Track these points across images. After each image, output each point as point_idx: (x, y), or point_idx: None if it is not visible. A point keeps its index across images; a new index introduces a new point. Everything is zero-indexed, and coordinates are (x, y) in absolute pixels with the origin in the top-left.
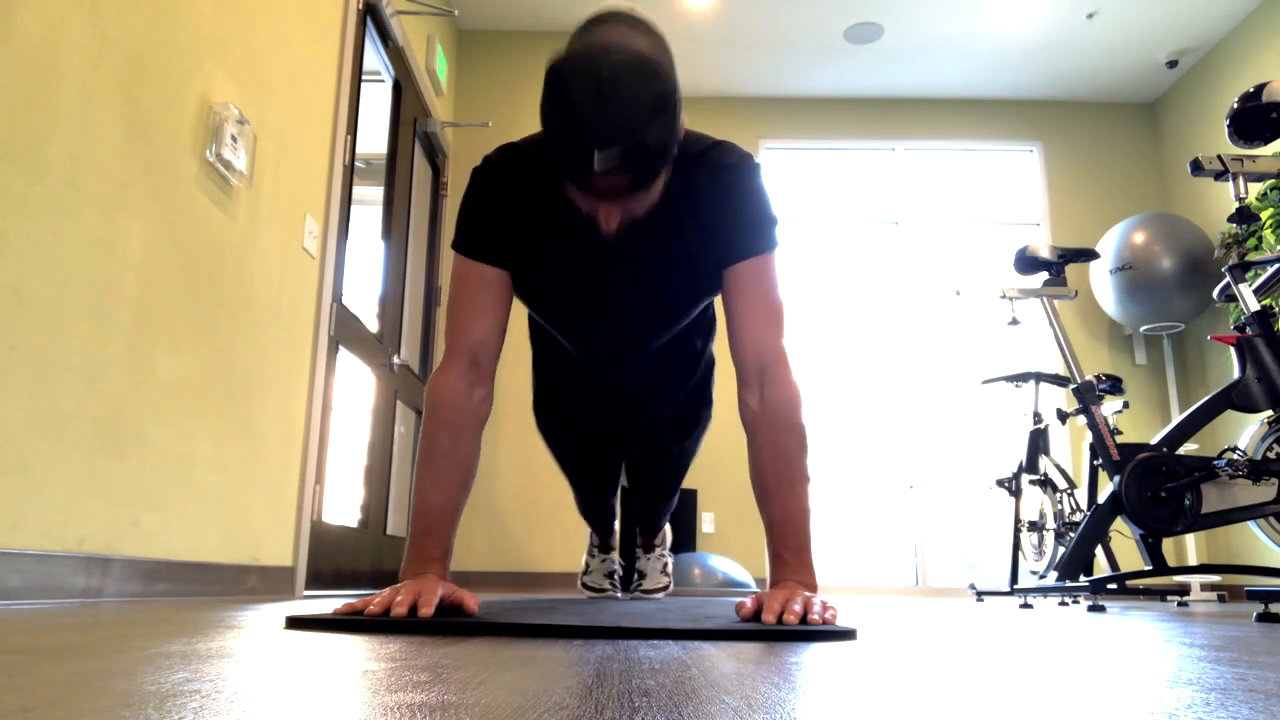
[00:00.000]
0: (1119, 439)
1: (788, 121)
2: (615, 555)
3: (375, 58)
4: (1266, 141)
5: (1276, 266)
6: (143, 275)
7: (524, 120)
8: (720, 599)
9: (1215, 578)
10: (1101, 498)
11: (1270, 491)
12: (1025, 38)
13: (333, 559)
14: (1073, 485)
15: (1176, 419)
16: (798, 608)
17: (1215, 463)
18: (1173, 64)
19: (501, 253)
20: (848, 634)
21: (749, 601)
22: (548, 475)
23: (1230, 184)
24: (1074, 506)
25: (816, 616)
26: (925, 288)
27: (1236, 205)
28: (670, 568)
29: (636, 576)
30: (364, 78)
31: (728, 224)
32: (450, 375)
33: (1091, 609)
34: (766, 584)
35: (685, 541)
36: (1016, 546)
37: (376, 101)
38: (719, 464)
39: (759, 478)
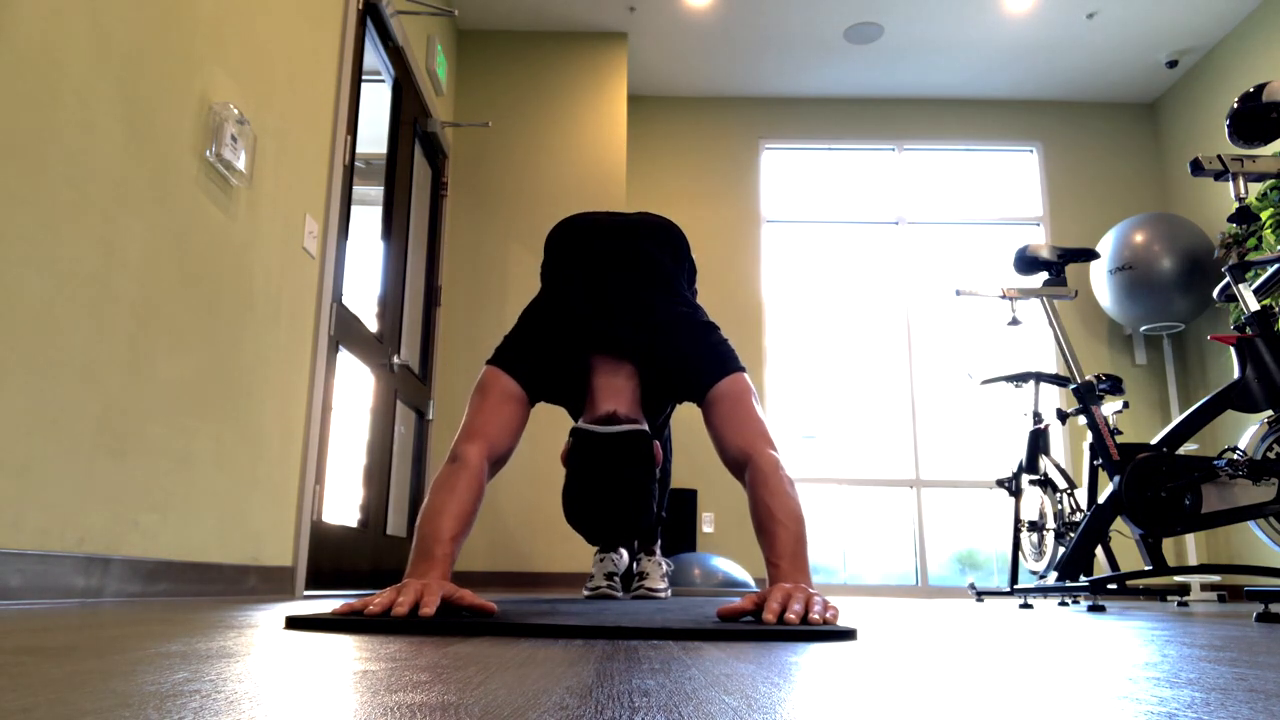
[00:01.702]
0: (1119, 439)
1: (788, 121)
2: (614, 555)
3: (375, 57)
4: (1266, 141)
5: (1276, 266)
6: (143, 275)
7: (523, 120)
8: (720, 599)
9: (1215, 578)
10: (1101, 498)
11: (1270, 491)
12: (1025, 38)
13: (333, 559)
14: (1073, 485)
15: (1176, 419)
16: (798, 607)
17: (1215, 463)
18: (1173, 64)
19: (537, 388)
20: (848, 634)
21: (745, 600)
22: (548, 476)
23: (1230, 184)
24: (1074, 506)
25: (817, 615)
26: (925, 288)
27: (1236, 205)
28: (668, 575)
29: (637, 578)
30: (364, 77)
31: (688, 378)
32: (478, 453)
33: (1091, 609)
34: (767, 584)
35: (685, 541)
36: (1016, 546)
37: (376, 101)
38: (718, 465)
39: (754, 516)
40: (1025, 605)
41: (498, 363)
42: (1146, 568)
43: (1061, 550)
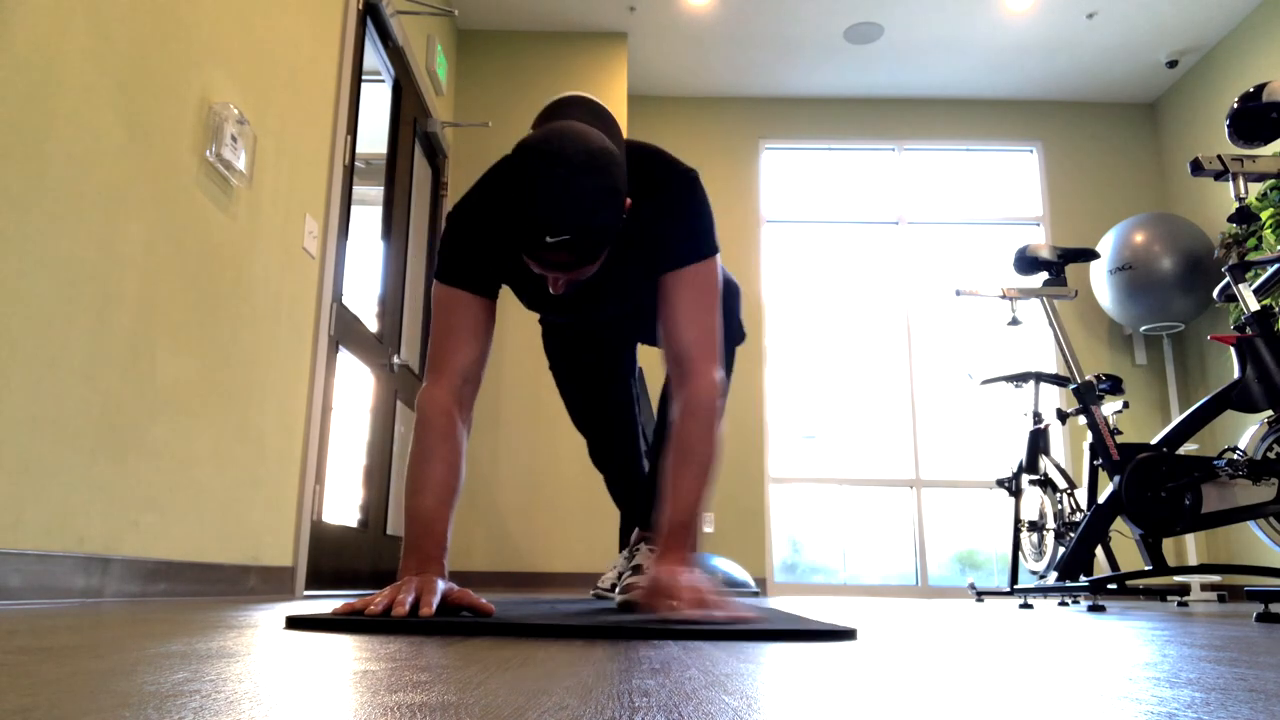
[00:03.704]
0: (1119, 439)
1: (788, 121)
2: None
3: (375, 58)
4: (1266, 141)
5: (1276, 266)
6: (143, 275)
7: (523, 120)
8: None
9: (1215, 578)
10: (1101, 498)
11: (1270, 491)
12: (1025, 38)
13: (333, 559)
14: (1073, 485)
15: (1176, 419)
16: (675, 603)
17: (1215, 463)
18: (1173, 64)
19: (483, 282)
20: (848, 634)
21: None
22: (548, 475)
23: (1230, 184)
24: (1074, 506)
25: (697, 613)
26: (925, 287)
27: (1236, 205)
28: None
29: (631, 571)
30: (364, 78)
31: (663, 238)
32: (443, 391)
33: (1091, 609)
34: (767, 584)
35: None
36: (1016, 546)
37: (376, 101)
38: (719, 464)
39: (667, 455)
40: (1025, 605)
41: (440, 277)
42: (1146, 568)
43: (1061, 550)
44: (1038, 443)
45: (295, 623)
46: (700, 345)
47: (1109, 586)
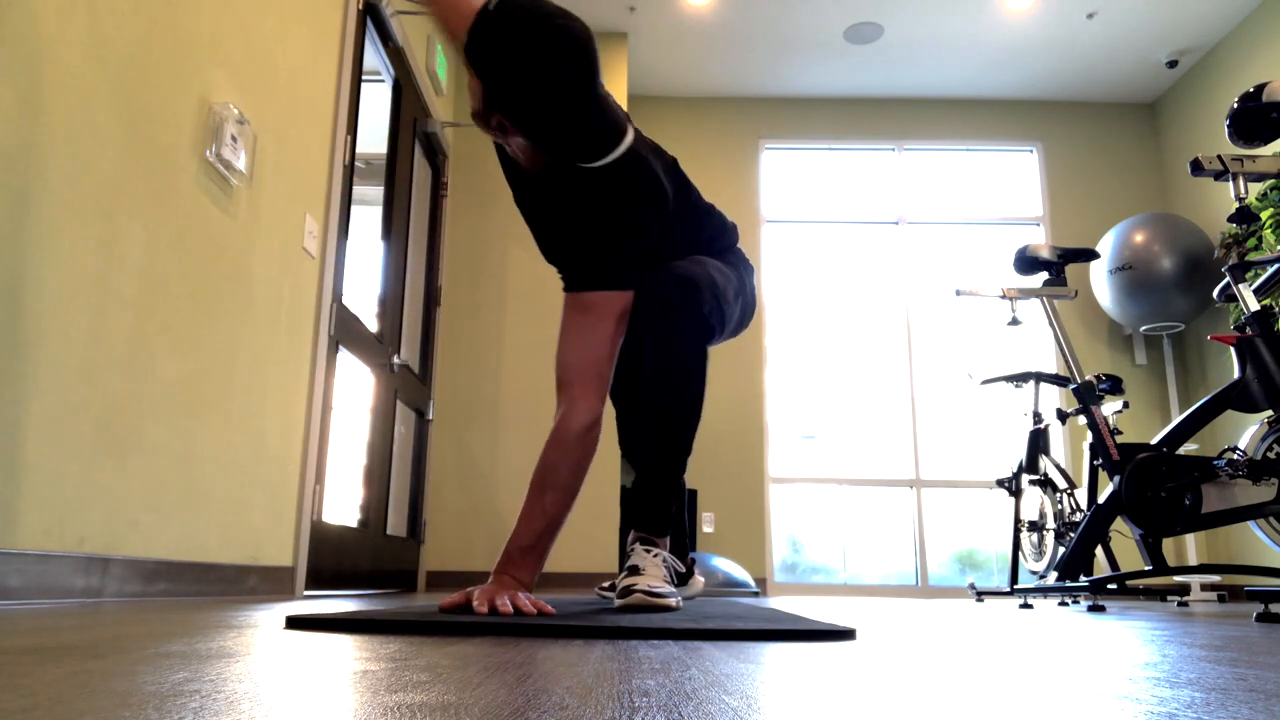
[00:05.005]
0: (1119, 439)
1: (788, 121)
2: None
3: (375, 57)
4: (1266, 141)
5: (1276, 266)
6: (143, 275)
7: None
8: (720, 599)
9: (1215, 578)
10: (1101, 498)
11: (1270, 491)
12: (1025, 38)
13: (333, 559)
14: (1073, 485)
15: (1176, 419)
16: (505, 604)
17: (1215, 463)
18: (1173, 64)
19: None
20: (847, 634)
21: (460, 595)
22: None
23: (1230, 184)
24: (1074, 506)
25: (527, 606)
26: (925, 287)
27: (1236, 205)
28: (672, 578)
29: (627, 572)
30: (364, 78)
31: (610, 235)
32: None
33: (1091, 609)
34: (767, 584)
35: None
36: (1016, 546)
37: (376, 101)
38: (719, 464)
39: (536, 471)
40: (1025, 605)
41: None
42: (1146, 568)
43: (1061, 550)
44: (1038, 443)
45: (295, 623)
46: (583, 374)
47: (1109, 586)
